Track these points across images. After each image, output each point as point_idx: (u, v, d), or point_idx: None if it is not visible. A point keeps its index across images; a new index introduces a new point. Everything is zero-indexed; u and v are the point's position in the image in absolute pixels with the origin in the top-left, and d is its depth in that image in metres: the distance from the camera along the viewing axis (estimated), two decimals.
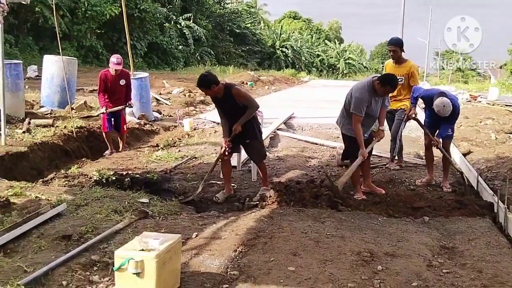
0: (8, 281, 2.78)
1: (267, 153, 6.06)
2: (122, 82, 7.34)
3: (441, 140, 5.55)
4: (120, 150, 7.55)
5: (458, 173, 5.80)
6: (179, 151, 7.60)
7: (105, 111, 7.20)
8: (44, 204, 4.20)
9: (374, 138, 5.35)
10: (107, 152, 7.28)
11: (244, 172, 6.37)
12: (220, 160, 5.34)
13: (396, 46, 6.22)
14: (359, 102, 4.91)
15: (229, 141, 5.07)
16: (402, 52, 6.27)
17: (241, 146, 5.43)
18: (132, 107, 8.10)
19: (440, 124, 5.53)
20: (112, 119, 7.37)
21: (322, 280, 2.97)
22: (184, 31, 32.63)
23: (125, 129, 7.66)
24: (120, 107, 7.37)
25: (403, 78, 6.15)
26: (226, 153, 5.16)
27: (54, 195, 4.55)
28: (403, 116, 6.21)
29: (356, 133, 4.99)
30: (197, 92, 15.77)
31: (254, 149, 5.28)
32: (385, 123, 5.69)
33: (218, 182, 5.80)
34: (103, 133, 7.41)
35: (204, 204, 5.06)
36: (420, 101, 5.79)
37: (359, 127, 4.95)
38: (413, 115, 5.61)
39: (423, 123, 5.72)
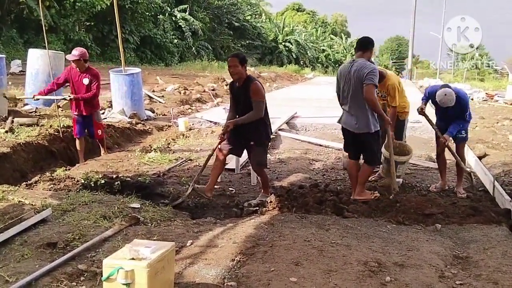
0: None
1: (268, 156, 6.05)
2: (85, 81, 6.81)
3: (450, 137, 5.60)
4: (101, 156, 7.30)
5: (466, 174, 5.84)
6: (173, 152, 7.61)
7: (32, 97, 7.07)
8: (28, 209, 4.20)
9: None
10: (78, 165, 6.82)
11: (243, 176, 6.37)
12: (213, 156, 5.35)
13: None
14: (376, 70, 4.91)
15: (222, 135, 5.10)
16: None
17: (244, 150, 5.44)
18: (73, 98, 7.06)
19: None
20: (83, 122, 7.02)
21: None
22: (179, 23, 32.67)
23: (99, 134, 7.19)
24: (55, 97, 7.18)
25: (386, 94, 5.97)
26: (220, 145, 5.19)
27: (39, 200, 4.55)
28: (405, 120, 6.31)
29: (374, 105, 4.91)
30: (193, 90, 15.81)
31: (255, 154, 5.26)
32: None
33: (216, 186, 5.80)
34: (76, 139, 7.09)
35: (200, 209, 5.07)
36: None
37: (376, 98, 4.97)
38: (420, 109, 5.63)
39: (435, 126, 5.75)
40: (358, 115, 5.01)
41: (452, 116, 5.51)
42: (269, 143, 5.46)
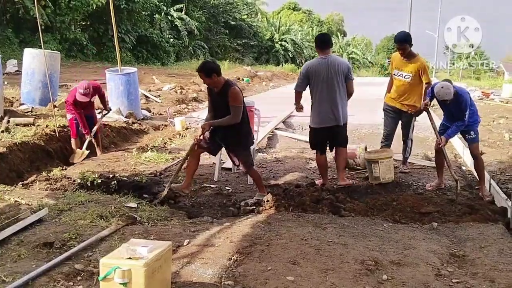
0: None
1: (265, 155, 6.06)
2: (93, 99, 7.30)
3: (444, 139, 5.56)
4: (97, 155, 7.34)
5: (454, 181, 5.59)
6: (170, 152, 7.59)
7: (89, 139, 7.15)
8: (24, 209, 4.19)
9: None
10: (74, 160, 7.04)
11: (240, 175, 6.37)
12: (190, 153, 5.32)
13: (405, 44, 5.98)
14: None
15: (199, 137, 5.09)
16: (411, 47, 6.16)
17: (220, 150, 5.50)
18: (110, 110, 8.01)
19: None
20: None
21: None
22: (175, 23, 32.62)
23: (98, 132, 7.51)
24: (97, 126, 7.33)
25: (411, 75, 6.08)
26: (195, 147, 5.19)
27: (35, 199, 4.54)
28: (413, 116, 6.27)
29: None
30: (189, 89, 15.79)
31: (239, 157, 5.22)
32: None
33: (212, 186, 5.80)
34: (72, 140, 7.22)
35: (197, 209, 5.06)
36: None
37: None
38: (424, 105, 5.66)
39: (438, 128, 5.72)
40: (343, 106, 5.53)
41: (455, 115, 5.47)
42: (251, 147, 5.46)
